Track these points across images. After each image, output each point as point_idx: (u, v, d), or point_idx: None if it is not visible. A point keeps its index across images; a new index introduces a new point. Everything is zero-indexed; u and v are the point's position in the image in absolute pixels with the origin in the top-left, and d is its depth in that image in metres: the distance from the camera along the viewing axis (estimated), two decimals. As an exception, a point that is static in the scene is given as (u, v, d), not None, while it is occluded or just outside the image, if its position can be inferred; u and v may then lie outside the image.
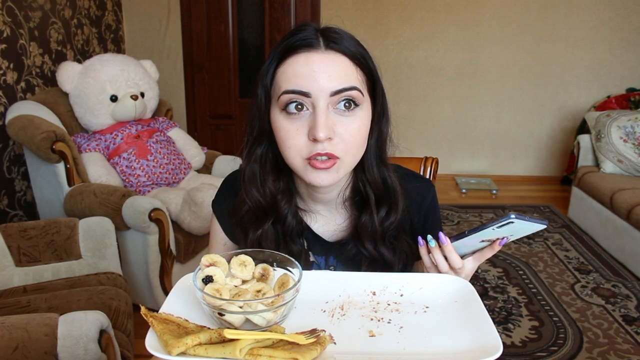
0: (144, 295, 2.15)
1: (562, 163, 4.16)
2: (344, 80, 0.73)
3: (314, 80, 0.72)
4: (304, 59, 0.73)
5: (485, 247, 0.77)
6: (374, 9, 3.85)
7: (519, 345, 2.07)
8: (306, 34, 0.75)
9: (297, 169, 0.78)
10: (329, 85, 0.72)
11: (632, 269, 2.67)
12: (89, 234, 1.75)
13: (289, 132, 0.75)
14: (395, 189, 0.85)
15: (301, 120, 0.74)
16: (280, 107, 0.75)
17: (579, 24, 3.84)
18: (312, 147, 0.74)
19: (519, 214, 0.68)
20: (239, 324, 0.65)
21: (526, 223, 0.69)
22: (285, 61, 0.75)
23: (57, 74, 2.29)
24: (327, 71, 0.73)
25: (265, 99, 0.78)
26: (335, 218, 0.90)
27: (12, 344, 1.16)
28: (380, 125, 0.82)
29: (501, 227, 0.70)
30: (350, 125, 0.75)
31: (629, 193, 2.77)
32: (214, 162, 2.73)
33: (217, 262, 0.71)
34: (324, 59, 0.73)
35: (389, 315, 0.72)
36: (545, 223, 0.71)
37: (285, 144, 0.76)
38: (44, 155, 1.99)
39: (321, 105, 0.72)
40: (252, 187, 0.84)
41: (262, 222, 0.85)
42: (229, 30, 3.80)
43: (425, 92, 4.06)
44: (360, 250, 0.86)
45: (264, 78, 0.78)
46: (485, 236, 0.73)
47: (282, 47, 0.76)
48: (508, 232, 0.72)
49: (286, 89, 0.74)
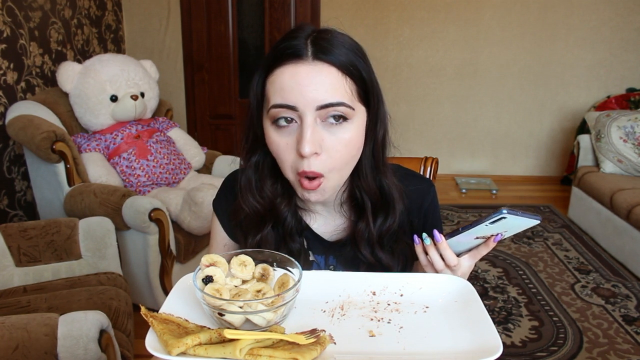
0: (144, 295, 2.15)
1: (562, 163, 4.16)
2: (332, 95, 0.71)
3: (299, 93, 0.70)
4: (291, 72, 0.71)
5: (481, 244, 0.77)
6: (374, 9, 3.85)
7: (519, 345, 2.07)
8: (296, 42, 0.73)
9: (291, 182, 0.79)
10: (316, 99, 0.70)
11: (632, 269, 2.67)
12: (89, 234, 1.75)
13: (279, 146, 0.75)
14: (393, 195, 0.83)
15: (291, 134, 0.74)
16: (270, 120, 0.75)
17: (579, 24, 3.84)
18: (299, 163, 0.74)
19: (511, 209, 0.68)
20: (239, 324, 0.65)
21: (519, 218, 0.69)
22: (274, 72, 0.73)
23: (57, 74, 2.29)
24: (314, 84, 0.70)
25: (257, 108, 0.78)
26: (335, 218, 0.90)
27: (12, 344, 1.16)
28: (375, 132, 0.80)
29: (494, 222, 0.70)
30: (338, 139, 0.73)
31: (629, 193, 2.77)
32: (214, 162, 2.73)
33: (217, 262, 0.71)
34: (310, 71, 0.71)
35: (389, 315, 0.72)
36: (538, 218, 0.71)
37: (279, 158, 0.76)
38: (44, 155, 1.99)
39: (308, 119, 0.71)
40: (248, 194, 0.84)
41: (261, 228, 0.85)
42: (229, 30, 3.80)
43: (425, 92, 4.06)
44: (359, 255, 0.86)
45: (254, 88, 0.77)
46: (479, 233, 0.73)
47: (270, 56, 0.75)
48: (502, 228, 0.72)
49: (274, 102, 0.73)
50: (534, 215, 0.70)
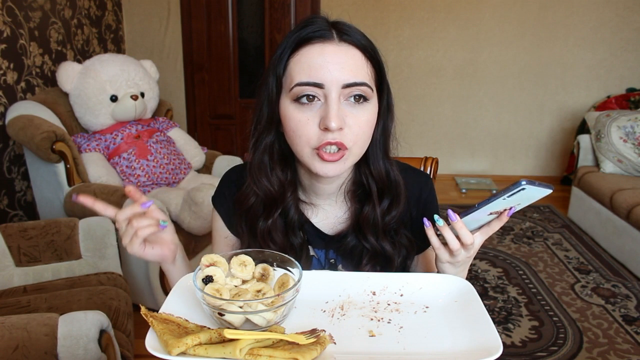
0: (144, 295, 2.15)
1: (562, 163, 4.16)
2: (356, 74, 0.75)
3: (327, 71, 0.73)
4: (318, 50, 0.75)
5: (493, 219, 0.76)
6: (374, 9, 3.85)
7: (519, 345, 2.07)
8: (319, 26, 0.76)
9: (305, 158, 0.78)
10: (341, 77, 0.74)
11: (632, 269, 2.67)
12: (89, 234, 1.75)
13: (299, 122, 0.76)
14: (399, 182, 0.86)
15: (312, 110, 0.75)
16: (292, 98, 0.76)
17: (579, 24, 3.84)
18: (322, 136, 0.75)
19: (529, 180, 0.67)
20: (239, 324, 0.65)
21: (535, 189, 0.69)
22: (299, 51, 0.76)
23: (57, 74, 2.29)
24: (341, 62, 0.74)
25: (276, 88, 0.79)
26: (336, 211, 0.90)
27: (12, 344, 1.16)
28: (386, 120, 0.83)
29: (511, 195, 0.69)
30: (359, 118, 0.76)
31: (629, 193, 2.77)
32: (214, 162, 2.73)
33: (217, 262, 0.71)
34: (337, 51, 0.75)
35: (389, 315, 0.72)
36: (551, 187, 0.70)
37: (296, 133, 0.76)
38: (44, 155, 1.99)
39: (333, 96, 0.74)
40: (262, 176, 0.84)
41: (272, 212, 0.85)
42: (229, 30, 3.80)
43: (425, 92, 4.06)
44: (362, 242, 0.86)
45: (276, 67, 0.78)
46: (495, 207, 0.72)
47: (294, 37, 0.76)
48: (517, 200, 0.71)
49: (299, 80, 0.74)
50: (548, 185, 0.70)
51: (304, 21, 0.78)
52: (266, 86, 0.80)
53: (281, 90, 0.78)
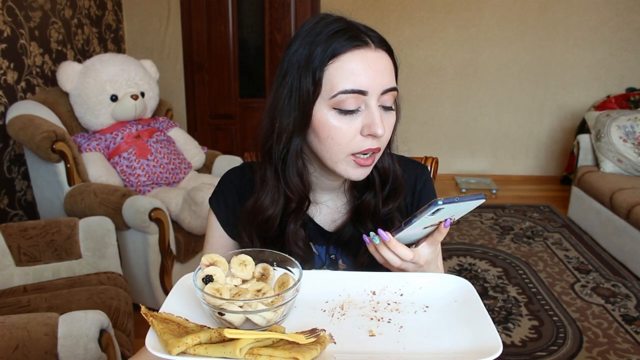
0: (144, 295, 2.15)
1: (561, 163, 4.17)
2: (391, 80, 0.77)
3: (371, 78, 0.74)
4: (361, 57, 0.75)
5: (433, 231, 0.77)
6: (374, 9, 3.85)
7: (519, 345, 2.07)
8: (356, 32, 0.76)
9: (337, 163, 0.79)
10: (382, 84, 0.75)
11: (632, 269, 2.67)
12: (89, 233, 1.75)
13: (341, 130, 0.76)
14: (398, 174, 0.88)
15: (354, 118, 0.76)
16: (332, 105, 0.75)
17: (579, 24, 3.84)
18: (362, 142, 0.76)
19: (447, 198, 0.67)
20: (239, 323, 0.65)
21: (460, 204, 0.69)
22: (339, 58, 0.74)
23: (57, 74, 2.29)
24: (380, 69, 0.75)
25: (313, 91, 0.76)
26: (337, 206, 0.92)
27: (12, 344, 1.16)
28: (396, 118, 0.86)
29: (434, 213, 0.69)
30: (389, 122, 0.79)
31: (629, 193, 2.77)
32: (214, 162, 2.74)
33: (217, 261, 0.71)
34: (377, 58, 0.76)
35: (389, 315, 0.72)
36: (482, 196, 0.70)
37: (335, 140, 0.76)
38: (44, 155, 1.99)
39: (374, 103, 0.75)
40: (298, 180, 0.82)
41: (300, 214, 0.85)
42: (229, 30, 3.80)
43: (425, 92, 4.06)
44: (359, 230, 0.87)
45: (315, 71, 0.74)
46: (425, 224, 0.73)
47: (335, 44, 0.74)
48: (447, 214, 0.72)
49: (343, 88, 0.74)
50: (477, 195, 0.70)
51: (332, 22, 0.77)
52: (298, 89, 0.76)
53: (318, 95, 0.76)
